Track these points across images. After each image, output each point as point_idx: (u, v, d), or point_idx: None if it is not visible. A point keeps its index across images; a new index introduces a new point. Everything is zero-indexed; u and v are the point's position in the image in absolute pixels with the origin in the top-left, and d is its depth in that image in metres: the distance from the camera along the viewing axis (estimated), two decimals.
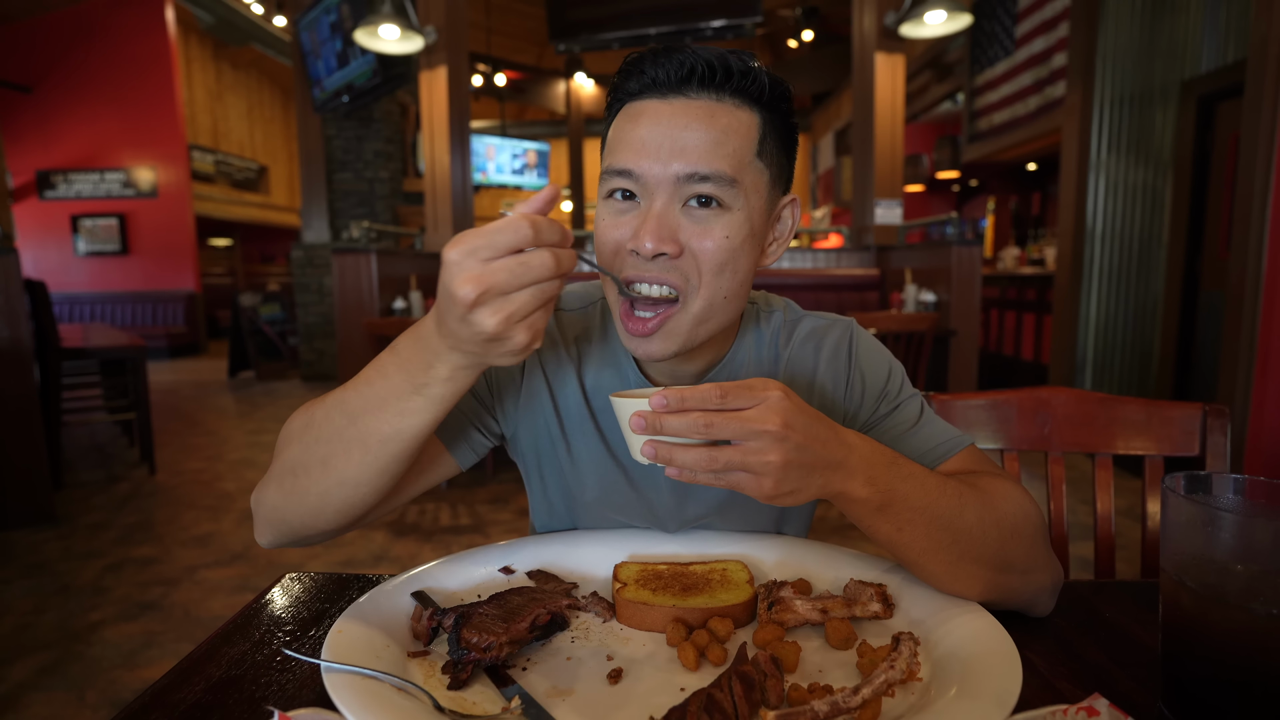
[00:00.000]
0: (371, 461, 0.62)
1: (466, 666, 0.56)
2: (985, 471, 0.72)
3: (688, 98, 0.67)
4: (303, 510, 0.66)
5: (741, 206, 0.68)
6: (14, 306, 3.07)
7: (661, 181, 0.66)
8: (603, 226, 0.70)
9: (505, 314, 0.50)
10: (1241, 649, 0.48)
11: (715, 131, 0.66)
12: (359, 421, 0.61)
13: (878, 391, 0.81)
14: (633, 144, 0.67)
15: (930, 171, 9.05)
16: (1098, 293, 4.33)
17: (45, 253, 9.77)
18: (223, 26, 10.52)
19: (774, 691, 0.51)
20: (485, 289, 0.49)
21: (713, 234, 0.67)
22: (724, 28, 5.41)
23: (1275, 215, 2.54)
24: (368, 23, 4.26)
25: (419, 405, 0.59)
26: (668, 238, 0.66)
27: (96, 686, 1.96)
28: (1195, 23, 3.84)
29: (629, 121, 0.68)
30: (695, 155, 0.65)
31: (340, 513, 0.66)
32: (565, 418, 0.82)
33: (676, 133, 0.66)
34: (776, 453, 0.52)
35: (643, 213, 0.67)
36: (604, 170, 0.70)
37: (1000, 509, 0.64)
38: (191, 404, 6.50)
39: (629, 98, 0.70)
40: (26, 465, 3.19)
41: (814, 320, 0.85)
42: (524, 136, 11.69)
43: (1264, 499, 0.53)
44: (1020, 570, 0.63)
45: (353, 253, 4.00)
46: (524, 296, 0.50)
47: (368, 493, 0.65)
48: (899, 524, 0.60)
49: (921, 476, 0.61)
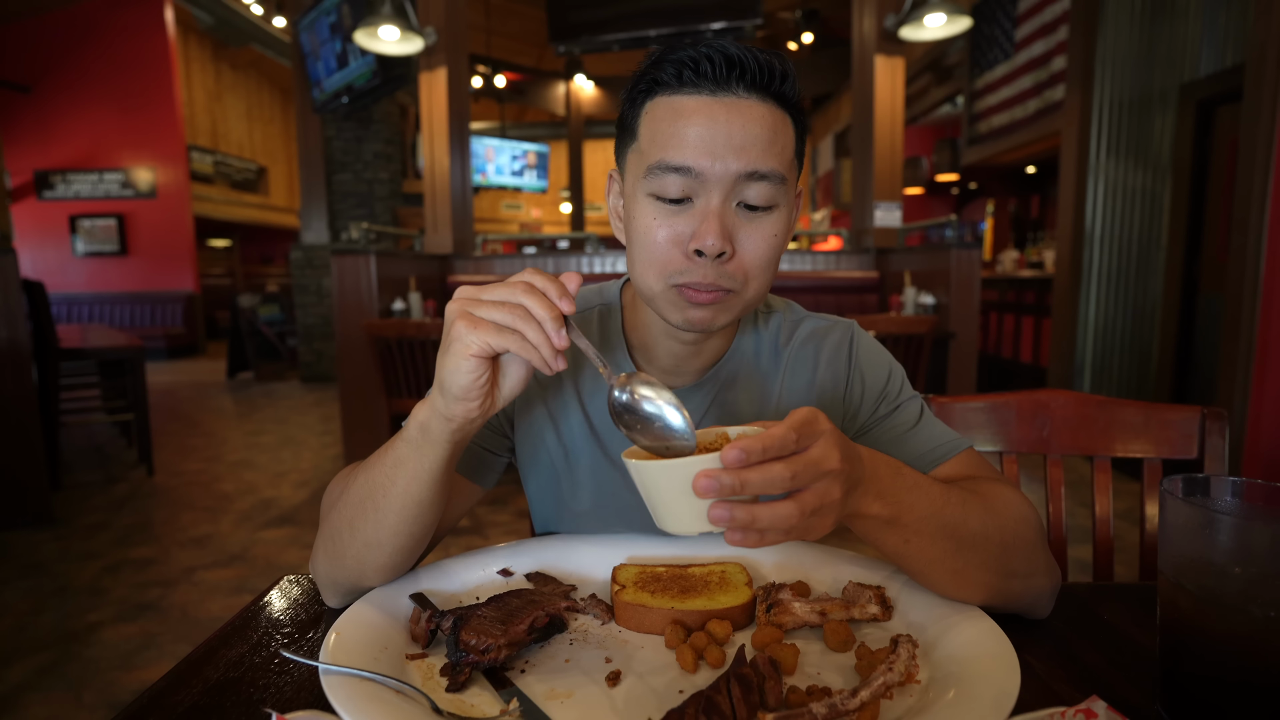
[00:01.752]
0: (381, 519, 0.64)
1: (465, 669, 0.56)
2: (984, 477, 0.72)
3: (738, 96, 0.66)
4: (347, 573, 0.67)
5: (786, 204, 0.69)
6: (12, 307, 3.07)
7: (721, 179, 0.65)
8: (652, 225, 0.68)
9: (473, 317, 0.55)
10: (1239, 651, 0.48)
11: (767, 130, 0.66)
12: (371, 478, 0.65)
13: (877, 393, 0.81)
14: (688, 140, 0.65)
15: (930, 174, 9.06)
16: (1097, 296, 4.34)
17: (43, 253, 9.77)
18: (222, 27, 10.53)
19: (772, 694, 0.51)
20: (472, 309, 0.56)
21: (764, 232, 0.68)
22: (724, 30, 5.42)
23: (1274, 218, 2.54)
24: (367, 24, 4.27)
25: (404, 454, 0.62)
26: (728, 237, 0.66)
27: (94, 688, 1.96)
28: (1194, 27, 3.85)
29: (677, 117, 0.66)
30: (753, 154, 0.65)
31: (382, 570, 0.67)
32: (562, 425, 0.83)
33: (734, 130, 0.65)
34: (839, 489, 0.49)
35: (700, 211, 0.66)
36: (651, 165, 0.67)
37: (1002, 515, 0.64)
38: (190, 405, 6.50)
39: (665, 90, 0.68)
40: (24, 466, 3.18)
41: (815, 321, 0.85)
42: (524, 138, 11.69)
43: (1262, 502, 0.53)
44: (1021, 575, 0.63)
45: (352, 254, 4.00)
46: (498, 314, 0.56)
47: (393, 551, 0.66)
48: (906, 535, 0.58)
49: (926, 486, 0.60)
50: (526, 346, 0.55)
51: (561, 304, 0.56)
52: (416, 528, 0.65)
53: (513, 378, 0.61)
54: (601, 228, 12.94)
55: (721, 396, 0.81)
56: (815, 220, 11.22)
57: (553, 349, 0.55)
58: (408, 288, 4.32)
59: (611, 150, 0.77)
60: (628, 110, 0.72)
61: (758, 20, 5.37)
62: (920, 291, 3.87)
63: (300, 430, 5.31)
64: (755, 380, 0.82)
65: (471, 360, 0.55)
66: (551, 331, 0.55)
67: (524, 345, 0.55)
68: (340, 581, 0.68)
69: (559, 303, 0.56)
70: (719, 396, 0.81)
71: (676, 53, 0.67)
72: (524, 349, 0.55)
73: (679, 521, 0.49)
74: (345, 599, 0.70)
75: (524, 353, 0.55)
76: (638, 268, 0.71)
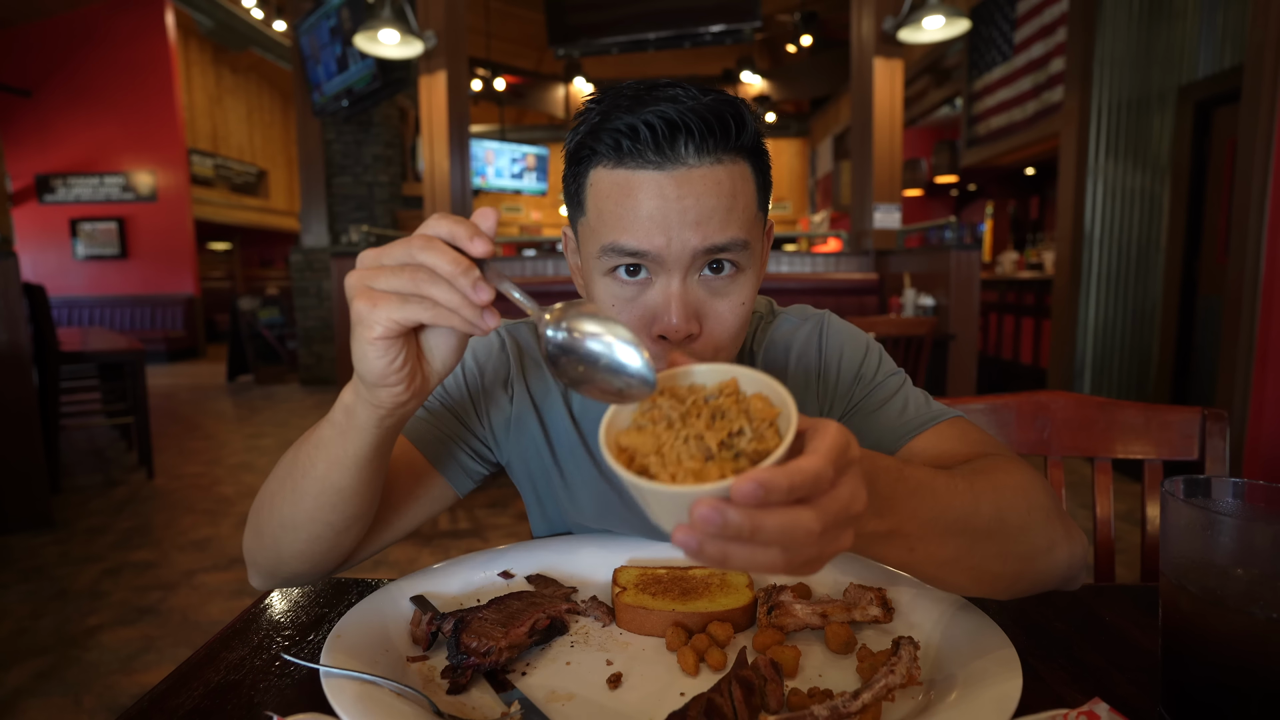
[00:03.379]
0: (298, 501, 0.60)
1: (465, 671, 0.56)
2: (981, 453, 0.67)
3: (687, 166, 0.60)
4: (265, 552, 0.64)
5: (752, 264, 0.66)
6: (13, 310, 3.07)
7: (679, 258, 0.61)
8: (613, 309, 0.64)
9: (370, 290, 0.47)
10: (1242, 653, 0.48)
11: (725, 198, 0.61)
12: (296, 455, 0.61)
13: (852, 375, 0.79)
14: (638, 221, 0.61)
15: (929, 176, 9.07)
16: (1096, 297, 4.34)
17: (44, 256, 9.78)
18: (222, 31, 10.53)
19: (774, 696, 0.51)
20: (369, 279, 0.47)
21: (731, 301, 0.65)
22: (723, 33, 5.43)
23: (1273, 219, 2.54)
24: (367, 27, 4.27)
25: (327, 435, 0.57)
26: (693, 316, 0.63)
27: (94, 692, 1.96)
28: (1192, 28, 3.85)
29: (623, 195, 0.61)
30: (711, 227, 0.61)
31: (298, 557, 0.63)
32: (555, 441, 0.82)
33: (688, 205, 0.60)
34: (851, 534, 0.40)
35: (661, 292, 0.62)
36: (604, 247, 0.63)
37: (1012, 492, 0.58)
38: (190, 408, 6.49)
39: (605, 162, 0.62)
40: (24, 469, 3.18)
41: (787, 321, 0.83)
42: (523, 141, 11.70)
43: (1264, 503, 0.53)
44: (1043, 551, 0.58)
45: (352, 257, 4.00)
46: (395, 281, 0.46)
47: (309, 539, 0.62)
48: (910, 544, 0.51)
49: (930, 484, 0.51)
50: (441, 312, 0.45)
51: (473, 246, 0.45)
52: (335, 516, 0.61)
53: (441, 349, 0.52)
54: None
55: None
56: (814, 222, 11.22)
57: (474, 306, 0.45)
58: None
59: None
60: (569, 177, 0.67)
61: (756, 23, 5.39)
62: (920, 293, 3.87)
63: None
64: None
65: (379, 344, 0.47)
66: (465, 288, 0.44)
67: (437, 311, 0.45)
68: (259, 561, 0.66)
69: (470, 246, 0.45)
70: None
71: (613, 120, 0.61)
72: (439, 316, 0.46)
73: (664, 524, 0.40)
74: (267, 581, 0.68)
75: (440, 320, 0.46)
76: None
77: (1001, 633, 0.57)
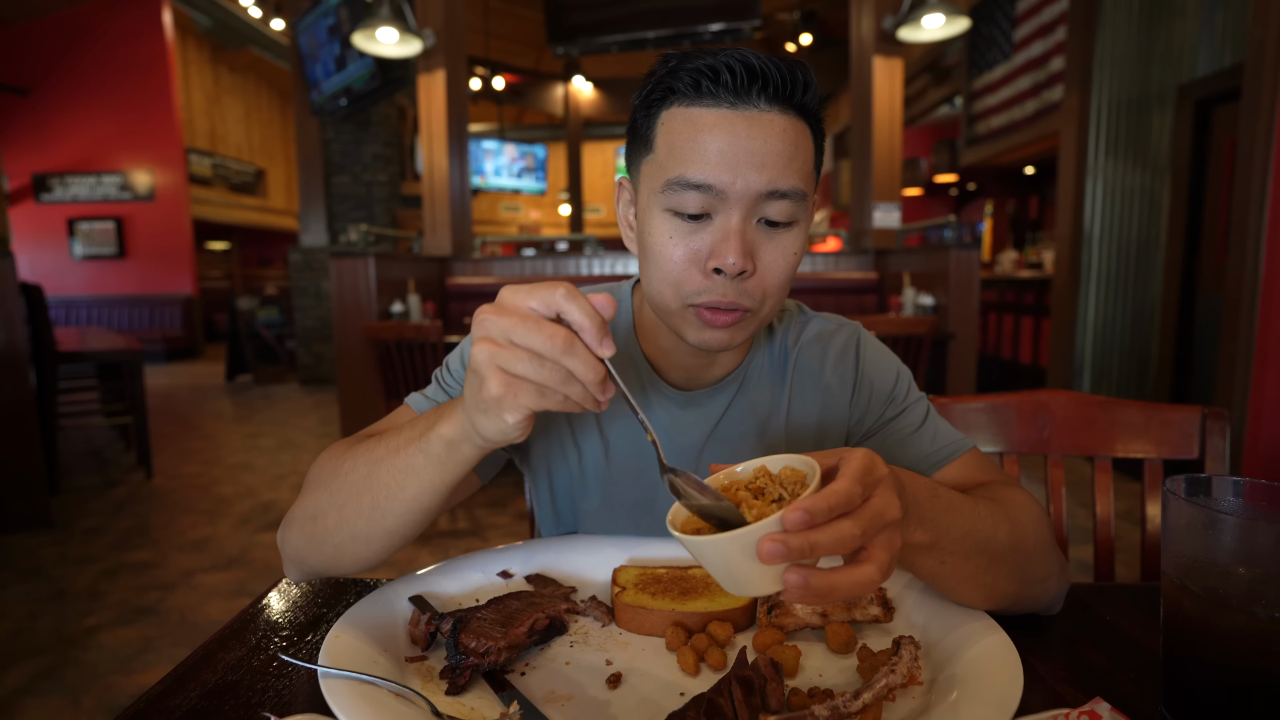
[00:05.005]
0: (379, 519, 0.61)
1: (464, 672, 0.56)
2: (996, 481, 0.72)
3: (758, 109, 0.63)
4: (323, 557, 0.65)
5: (805, 219, 0.68)
6: (10, 310, 3.07)
7: (742, 196, 0.63)
8: (668, 242, 0.66)
9: (508, 378, 0.48)
10: (1243, 652, 0.48)
11: (789, 145, 0.64)
12: (375, 475, 0.60)
13: (885, 396, 0.81)
14: (708, 156, 0.63)
15: (928, 175, 9.08)
16: (1096, 296, 4.34)
17: (41, 256, 9.76)
18: (220, 30, 10.53)
19: (774, 696, 0.51)
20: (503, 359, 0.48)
21: (784, 249, 0.66)
22: (723, 31, 5.43)
23: (1272, 218, 2.55)
24: (366, 26, 4.27)
25: (419, 463, 0.57)
26: (749, 254, 0.64)
27: (92, 692, 1.95)
28: (1192, 27, 3.85)
29: (696, 130, 0.64)
30: (775, 170, 0.63)
31: (360, 563, 0.65)
32: (576, 425, 0.82)
33: (756, 146, 0.63)
34: (900, 536, 0.47)
35: (720, 228, 0.64)
36: (670, 180, 0.65)
37: (1022, 522, 0.63)
38: (188, 408, 6.49)
39: (681, 100, 0.65)
40: (22, 470, 3.17)
41: (821, 323, 0.85)
42: (522, 140, 11.71)
43: (1265, 502, 0.53)
44: (1040, 580, 0.64)
45: (350, 256, 4.00)
46: (535, 371, 0.48)
47: (381, 549, 0.63)
48: (941, 557, 0.57)
49: (960, 505, 0.58)
50: (569, 405, 0.50)
51: (603, 350, 0.49)
52: (413, 531, 0.64)
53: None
54: (600, 229, 12.93)
55: (736, 401, 0.81)
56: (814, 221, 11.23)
57: (595, 404, 0.51)
58: (406, 290, 4.32)
59: (610, 152, 0.76)
60: (641, 118, 0.69)
61: (756, 21, 5.39)
62: (919, 292, 3.87)
63: (299, 433, 5.30)
64: (766, 383, 0.82)
65: (519, 426, 0.51)
66: (596, 393, 0.49)
67: (566, 404, 0.50)
68: (311, 563, 0.66)
69: (600, 350, 0.49)
70: (735, 400, 0.81)
71: (694, 60, 0.64)
72: (567, 406, 0.50)
73: (749, 585, 0.46)
74: (308, 578, 0.69)
75: (567, 408, 0.50)
76: (654, 284, 0.69)
77: (1003, 632, 0.57)
